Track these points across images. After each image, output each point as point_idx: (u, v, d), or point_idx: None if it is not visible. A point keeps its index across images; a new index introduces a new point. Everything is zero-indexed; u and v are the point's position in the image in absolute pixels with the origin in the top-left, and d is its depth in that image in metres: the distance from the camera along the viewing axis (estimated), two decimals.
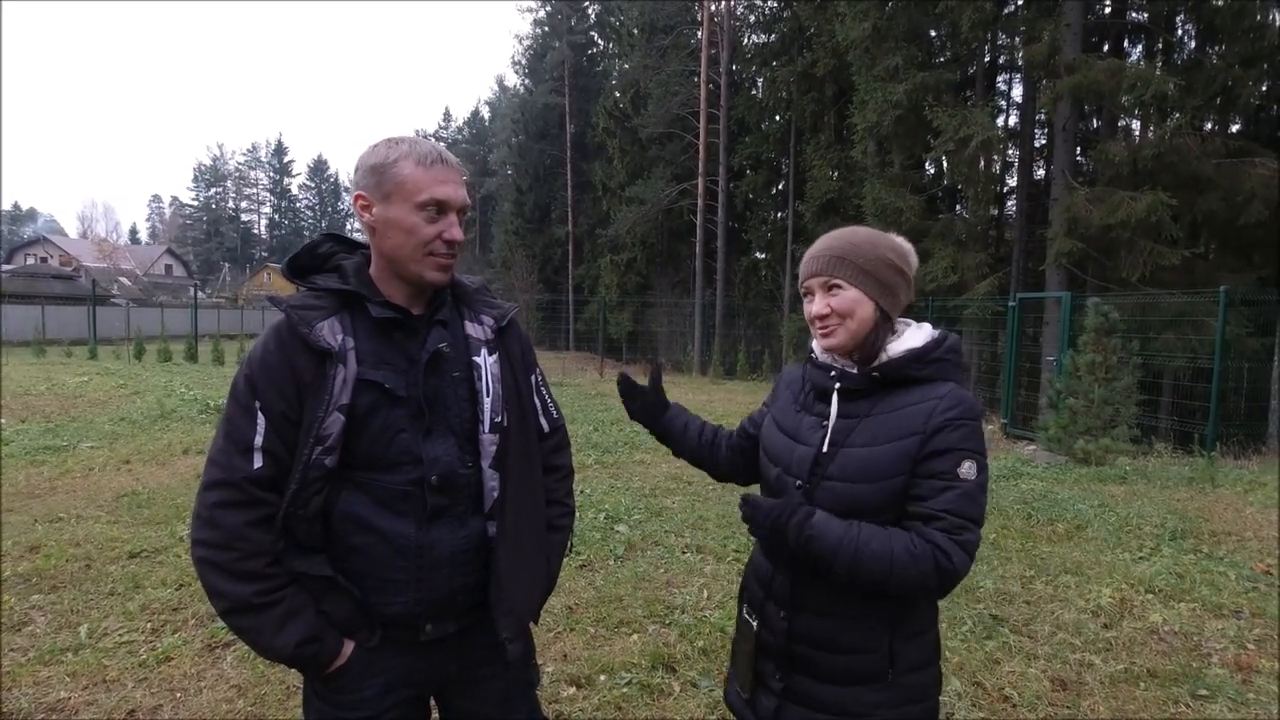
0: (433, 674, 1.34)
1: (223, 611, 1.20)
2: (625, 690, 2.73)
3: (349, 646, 1.27)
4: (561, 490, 1.53)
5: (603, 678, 2.83)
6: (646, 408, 1.65)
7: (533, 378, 1.47)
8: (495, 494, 1.31)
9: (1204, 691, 2.76)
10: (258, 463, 1.18)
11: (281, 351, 1.20)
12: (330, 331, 1.20)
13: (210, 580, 1.19)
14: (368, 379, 1.21)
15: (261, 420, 1.19)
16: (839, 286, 1.29)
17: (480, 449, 1.30)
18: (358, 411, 1.20)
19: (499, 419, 1.32)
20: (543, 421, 1.49)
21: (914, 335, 1.31)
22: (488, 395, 1.31)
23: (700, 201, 22.52)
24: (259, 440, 1.18)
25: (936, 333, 1.32)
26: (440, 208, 1.22)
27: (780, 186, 23.45)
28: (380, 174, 1.22)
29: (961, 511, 1.19)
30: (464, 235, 1.27)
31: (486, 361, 1.33)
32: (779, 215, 23.68)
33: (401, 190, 1.21)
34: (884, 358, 1.29)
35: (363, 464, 1.23)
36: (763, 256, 24.26)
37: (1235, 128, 13.47)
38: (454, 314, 1.35)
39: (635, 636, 3.18)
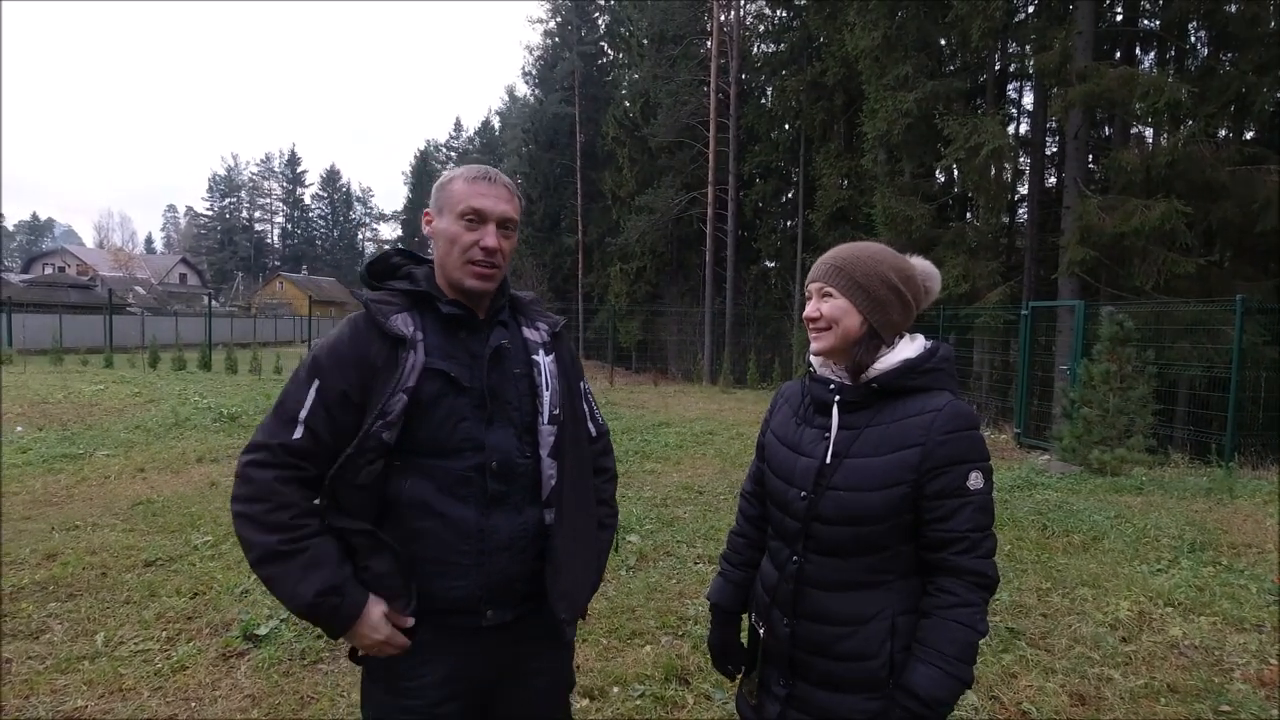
0: (489, 664, 1.38)
1: (253, 562, 1.26)
2: (639, 702, 2.72)
3: (376, 607, 1.28)
4: (608, 491, 1.63)
5: (616, 690, 2.82)
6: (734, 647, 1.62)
7: (580, 385, 1.57)
8: (553, 482, 1.40)
9: (1226, 707, 2.71)
10: (297, 433, 1.27)
11: (355, 339, 1.32)
12: (404, 322, 1.32)
13: (243, 532, 1.26)
14: (435, 368, 1.31)
15: (313, 396, 1.28)
16: (831, 294, 1.37)
17: (539, 439, 1.40)
18: (423, 397, 1.29)
19: (557, 412, 1.42)
20: (590, 427, 1.58)
21: (906, 347, 1.37)
22: (547, 390, 1.41)
23: (710, 210, 22.55)
24: (304, 414, 1.27)
25: (929, 343, 1.38)
26: (479, 216, 1.35)
27: (790, 195, 23.44)
28: (439, 191, 1.40)
29: (979, 525, 1.27)
30: (506, 246, 1.38)
31: (544, 360, 1.44)
32: (789, 224, 23.66)
33: (449, 202, 1.37)
34: (878, 369, 1.34)
35: (427, 449, 1.31)
36: (772, 265, 24.23)
37: (1249, 135, 13.33)
38: (512, 320, 1.48)
39: (648, 648, 3.17)
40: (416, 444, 1.30)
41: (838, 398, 1.36)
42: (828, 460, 1.33)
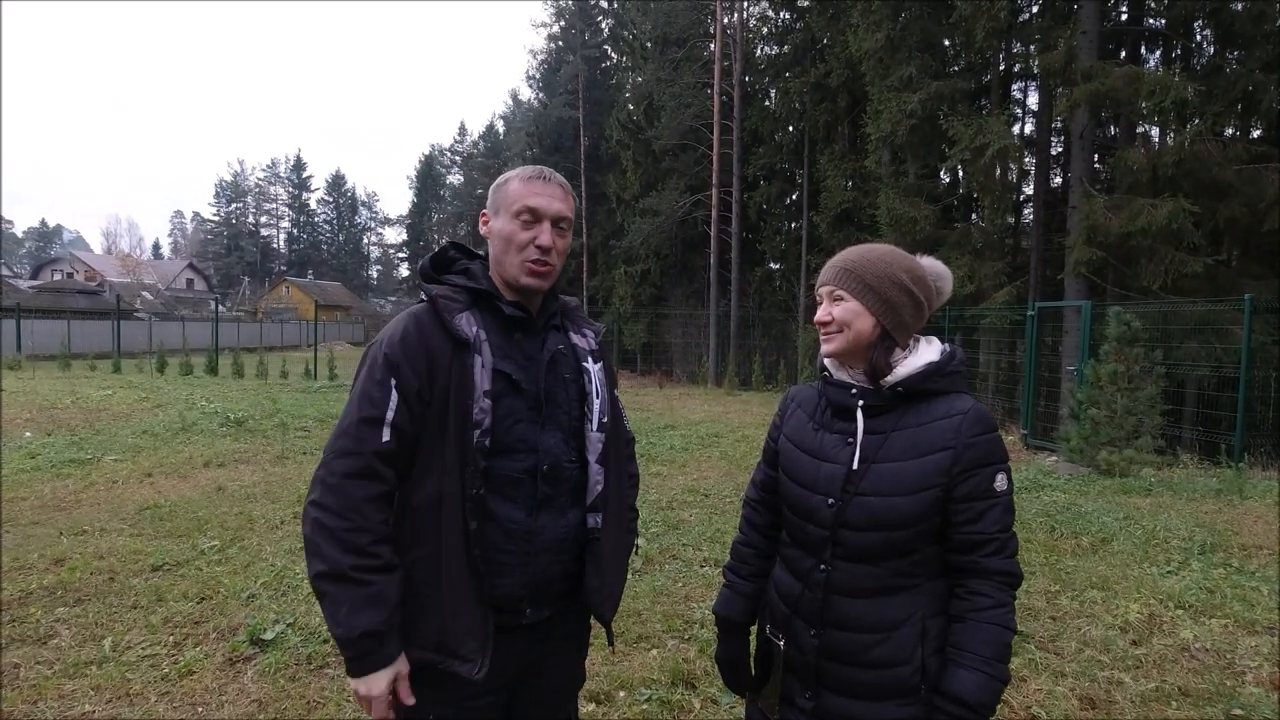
0: (518, 661, 1.39)
1: (317, 574, 1.24)
2: (645, 707, 2.71)
3: (396, 669, 1.26)
4: (631, 496, 1.64)
5: (622, 694, 2.81)
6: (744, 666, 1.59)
7: (614, 392, 1.59)
8: (600, 487, 1.42)
9: (1239, 711, 2.69)
10: (386, 437, 1.27)
11: (420, 334, 1.32)
12: (467, 323, 1.33)
13: (318, 542, 1.24)
14: (500, 369, 1.33)
15: (395, 396, 1.28)
16: (842, 297, 1.36)
17: (587, 445, 1.42)
18: (490, 397, 1.31)
19: (606, 419, 1.45)
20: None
21: (926, 349, 1.36)
22: (597, 397, 1.44)
23: (714, 212, 22.52)
24: (390, 415, 1.27)
25: (946, 346, 1.38)
26: (534, 215, 1.36)
27: (794, 197, 23.40)
28: (496, 192, 1.42)
29: (1005, 525, 1.30)
30: (560, 245, 1.40)
31: (594, 368, 1.47)
32: (793, 225, 23.61)
33: (505, 202, 1.39)
34: (901, 373, 1.32)
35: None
36: (777, 267, 24.18)
37: (1256, 133, 13.26)
38: (561, 325, 1.50)
39: (654, 652, 3.16)
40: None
41: (861, 402, 1.34)
42: (855, 466, 1.31)
